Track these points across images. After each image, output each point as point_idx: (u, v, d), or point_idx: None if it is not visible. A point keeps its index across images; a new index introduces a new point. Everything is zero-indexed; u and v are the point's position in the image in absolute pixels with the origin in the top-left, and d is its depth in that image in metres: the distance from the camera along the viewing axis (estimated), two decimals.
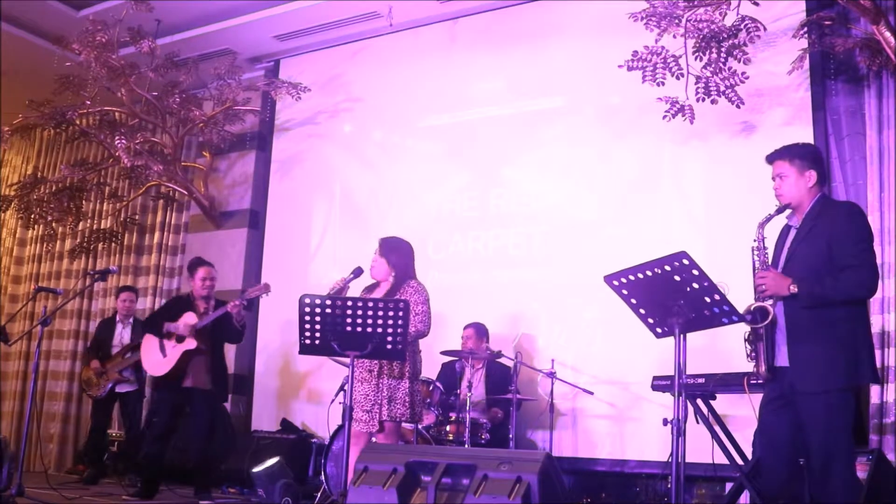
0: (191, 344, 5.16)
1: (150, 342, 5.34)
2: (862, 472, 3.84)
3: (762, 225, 3.24)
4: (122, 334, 6.54)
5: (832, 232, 3.09)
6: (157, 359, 5.27)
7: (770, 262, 3.24)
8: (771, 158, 3.32)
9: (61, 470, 7.59)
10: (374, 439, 4.31)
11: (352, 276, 4.29)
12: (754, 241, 3.23)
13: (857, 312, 3.09)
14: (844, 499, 2.93)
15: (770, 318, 3.08)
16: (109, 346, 6.48)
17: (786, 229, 3.31)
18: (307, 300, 3.69)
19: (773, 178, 3.28)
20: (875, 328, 4.68)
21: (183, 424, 5.42)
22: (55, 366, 8.15)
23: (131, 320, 6.60)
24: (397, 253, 4.36)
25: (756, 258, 3.22)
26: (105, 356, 6.40)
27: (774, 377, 3.14)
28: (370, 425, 4.12)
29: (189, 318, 5.23)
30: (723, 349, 4.62)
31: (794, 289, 3.04)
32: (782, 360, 3.12)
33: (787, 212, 3.30)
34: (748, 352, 3.17)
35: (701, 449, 4.07)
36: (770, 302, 3.11)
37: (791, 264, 3.19)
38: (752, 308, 3.12)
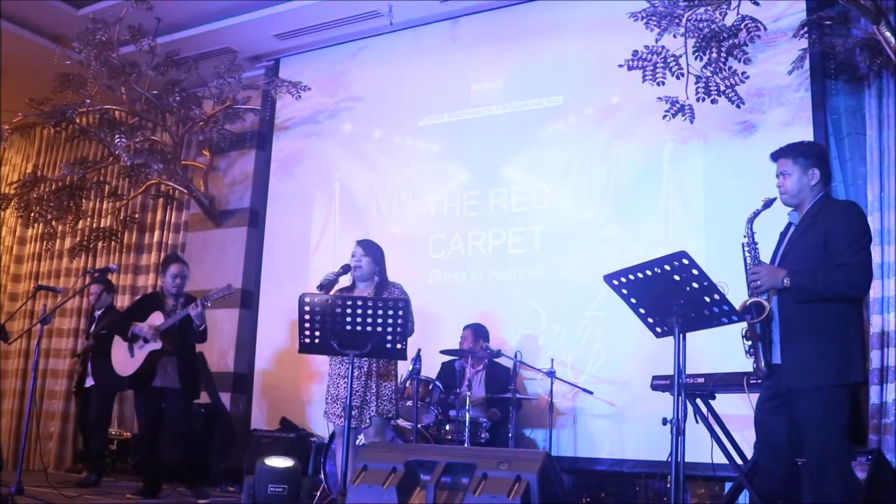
0: (156, 344, 5.16)
1: (119, 341, 5.33)
2: (861, 472, 3.84)
3: (750, 221, 3.26)
4: (92, 327, 6.52)
5: (829, 230, 3.09)
6: (125, 358, 5.27)
7: (770, 259, 3.25)
8: (775, 156, 3.32)
9: (61, 468, 7.59)
10: (361, 436, 4.35)
11: (340, 271, 4.34)
12: (744, 237, 3.24)
13: (850, 311, 3.08)
14: (841, 499, 2.93)
15: (766, 313, 3.08)
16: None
17: (787, 227, 3.31)
18: (307, 299, 3.71)
19: (777, 176, 3.29)
20: (875, 328, 4.67)
21: (162, 424, 5.42)
22: (55, 364, 8.14)
23: (98, 312, 6.52)
24: (380, 254, 4.43)
25: (747, 254, 3.23)
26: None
27: (771, 374, 3.14)
28: (358, 421, 4.18)
29: (155, 319, 5.23)
30: (722, 349, 4.61)
31: (787, 281, 3.05)
32: (778, 357, 3.13)
33: (788, 209, 3.31)
34: (747, 348, 3.17)
35: (700, 449, 4.07)
36: (766, 297, 3.11)
37: (786, 260, 3.19)
38: (747, 304, 3.12)
